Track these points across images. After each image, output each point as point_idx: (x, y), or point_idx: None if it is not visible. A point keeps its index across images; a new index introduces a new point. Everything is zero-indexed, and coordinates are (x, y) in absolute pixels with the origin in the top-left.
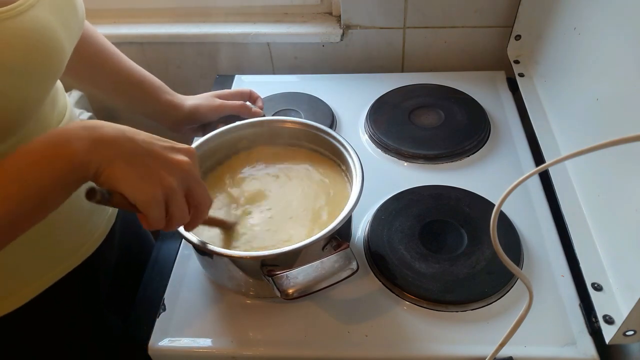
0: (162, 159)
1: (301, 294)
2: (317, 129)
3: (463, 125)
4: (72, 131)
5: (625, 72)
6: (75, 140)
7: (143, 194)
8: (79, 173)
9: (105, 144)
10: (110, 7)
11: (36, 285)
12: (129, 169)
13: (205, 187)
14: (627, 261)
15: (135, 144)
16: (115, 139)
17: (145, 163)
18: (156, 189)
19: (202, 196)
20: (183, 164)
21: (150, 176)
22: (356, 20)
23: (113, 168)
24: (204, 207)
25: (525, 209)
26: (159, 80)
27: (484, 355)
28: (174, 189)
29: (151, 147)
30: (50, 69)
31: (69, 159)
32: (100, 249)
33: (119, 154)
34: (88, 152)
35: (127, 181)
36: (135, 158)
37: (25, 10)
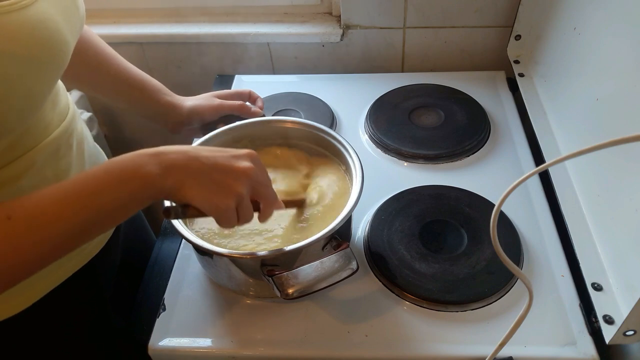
0: (228, 170)
1: (301, 294)
2: (317, 129)
3: (463, 125)
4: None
5: (625, 72)
6: (149, 166)
7: (216, 208)
8: (153, 193)
9: (176, 167)
10: (110, 7)
11: (40, 287)
12: (200, 188)
13: (270, 186)
14: (627, 261)
15: (201, 163)
16: (182, 162)
17: (214, 178)
18: (228, 201)
19: (269, 196)
20: (248, 171)
21: (220, 190)
22: (356, 20)
23: (185, 189)
24: (270, 205)
25: (525, 209)
26: (158, 81)
27: (484, 355)
28: (243, 195)
29: (215, 161)
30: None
31: (144, 182)
32: (105, 250)
33: (189, 174)
34: (161, 176)
35: (201, 198)
36: (203, 175)
37: (30, 4)
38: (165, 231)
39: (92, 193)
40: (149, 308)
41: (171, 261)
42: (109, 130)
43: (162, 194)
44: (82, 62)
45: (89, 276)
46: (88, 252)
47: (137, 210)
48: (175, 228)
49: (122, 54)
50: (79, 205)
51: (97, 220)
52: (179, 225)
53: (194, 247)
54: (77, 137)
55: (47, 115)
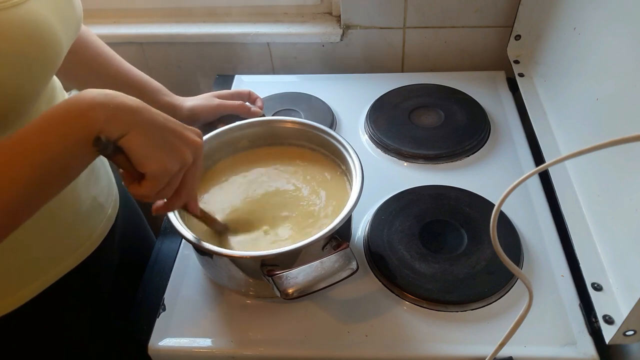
0: (178, 134)
1: (301, 294)
2: (317, 129)
3: (463, 125)
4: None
5: (625, 72)
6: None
7: (157, 164)
8: None
9: (125, 111)
10: (110, 7)
11: (34, 285)
12: (147, 138)
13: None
14: (627, 261)
15: (153, 116)
16: (134, 107)
17: (163, 135)
18: (174, 162)
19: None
20: (197, 142)
21: (166, 147)
22: (356, 20)
23: (131, 135)
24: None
25: (525, 209)
26: (157, 82)
27: (484, 355)
28: (188, 164)
29: (167, 121)
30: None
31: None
32: (100, 249)
33: (138, 122)
34: (107, 119)
35: (143, 149)
36: (154, 129)
37: (20, 3)
38: (165, 231)
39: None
40: (149, 308)
41: (171, 261)
42: None
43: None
44: (81, 62)
45: (85, 275)
46: (84, 250)
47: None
48: (175, 228)
49: (122, 54)
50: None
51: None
52: (179, 225)
53: (194, 247)
54: None
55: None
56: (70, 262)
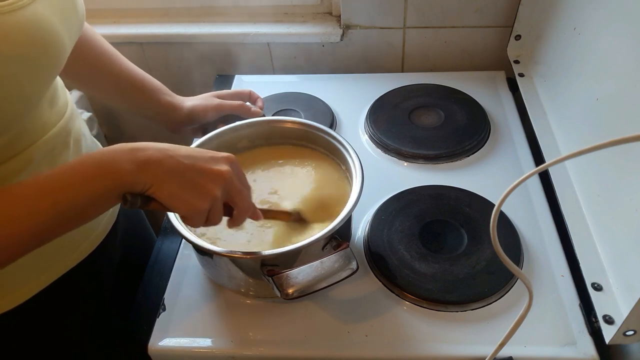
0: (206, 172)
1: (301, 294)
2: (317, 129)
3: (463, 125)
4: (120, 153)
5: (625, 72)
6: (123, 162)
7: (190, 208)
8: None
9: (151, 165)
10: (110, 7)
11: (35, 283)
12: (174, 186)
13: (246, 193)
14: (627, 261)
15: (177, 161)
16: (159, 159)
17: (190, 178)
18: (203, 202)
19: (243, 202)
20: (225, 174)
21: (196, 190)
22: (356, 20)
23: (158, 186)
24: (243, 213)
25: (525, 209)
26: (158, 82)
27: (484, 355)
28: (218, 198)
29: (193, 162)
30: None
31: (117, 179)
32: (102, 247)
33: (164, 172)
34: (135, 174)
35: (174, 197)
36: (178, 174)
37: (24, 5)
38: (165, 231)
39: (64, 187)
40: (149, 308)
41: (171, 261)
42: (109, 130)
43: (136, 191)
44: (84, 61)
45: (86, 273)
46: (85, 248)
47: (113, 205)
48: (175, 228)
49: (122, 54)
50: (50, 200)
51: (69, 215)
52: (179, 225)
53: (194, 247)
54: (74, 135)
55: (45, 114)
56: (73, 260)
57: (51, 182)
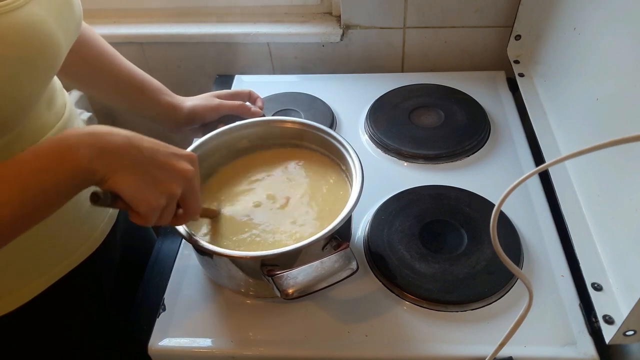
0: (166, 167)
1: (301, 294)
2: (317, 129)
3: (463, 125)
4: (78, 137)
5: (625, 72)
6: (81, 148)
7: (146, 202)
8: (83, 179)
9: (111, 152)
10: (110, 7)
11: (35, 284)
12: (134, 178)
13: (198, 195)
14: (627, 261)
15: (140, 153)
16: (120, 147)
17: (150, 172)
18: (159, 198)
19: (194, 204)
20: (187, 172)
21: (154, 185)
22: (356, 20)
23: (117, 176)
24: (193, 213)
25: (525, 209)
26: (158, 82)
27: (484, 355)
28: (176, 196)
29: (155, 156)
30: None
31: (74, 166)
32: (102, 248)
33: (124, 162)
34: (93, 160)
35: (131, 190)
36: (140, 167)
37: (20, 6)
38: (166, 231)
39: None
40: (149, 308)
41: (171, 261)
42: None
43: (93, 180)
44: (83, 61)
45: (87, 274)
46: (85, 249)
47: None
48: (175, 228)
49: (122, 54)
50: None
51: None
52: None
53: (194, 247)
54: None
55: (43, 115)
56: (73, 261)
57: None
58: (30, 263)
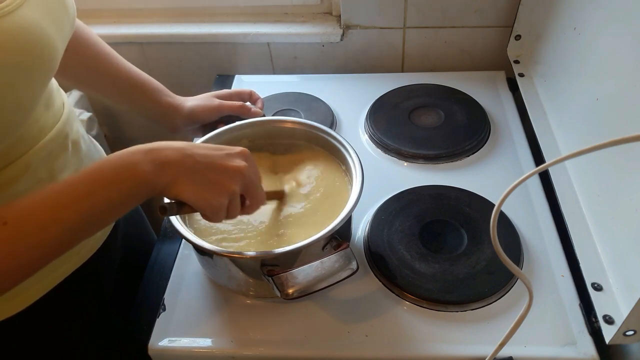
0: (223, 169)
1: (301, 294)
2: (317, 129)
3: (463, 125)
4: (136, 155)
5: (625, 72)
6: (142, 164)
7: (210, 205)
8: (146, 192)
9: (170, 165)
10: (110, 7)
11: (37, 288)
12: (194, 185)
13: (260, 185)
14: (627, 261)
15: (195, 160)
16: (177, 159)
17: (208, 176)
18: (222, 199)
19: (258, 194)
20: (242, 169)
21: (214, 188)
22: (356, 20)
23: (179, 186)
24: (259, 202)
25: (525, 209)
26: (158, 82)
27: (484, 355)
28: (236, 193)
29: (210, 160)
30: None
31: (138, 181)
32: (103, 249)
33: (183, 172)
34: (155, 174)
35: (194, 196)
36: (197, 174)
37: (13, 10)
38: (165, 231)
39: (85, 194)
40: (149, 308)
41: (171, 261)
42: (109, 130)
43: (156, 191)
44: (82, 62)
45: (88, 275)
46: (87, 251)
47: (133, 207)
48: (175, 228)
49: (122, 54)
50: (73, 208)
51: (91, 221)
52: (179, 225)
53: (194, 247)
54: (72, 137)
55: (41, 118)
56: (74, 263)
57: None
58: None
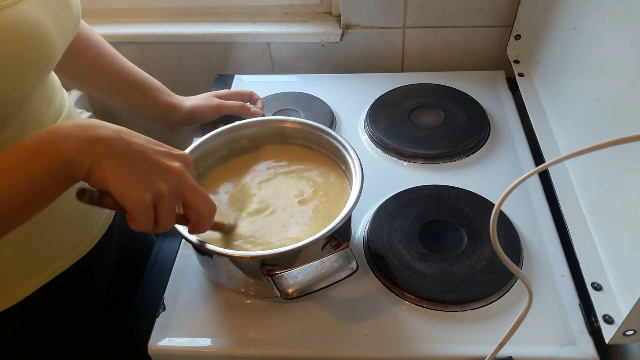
0: (154, 163)
1: (301, 294)
2: (317, 129)
3: (463, 125)
4: (66, 129)
5: (625, 72)
6: (68, 139)
7: (131, 196)
8: (69, 172)
9: (98, 143)
10: (110, 7)
11: (31, 283)
12: (119, 169)
13: (204, 194)
14: (627, 261)
15: (128, 146)
16: (108, 139)
17: (137, 165)
18: (145, 193)
19: (202, 203)
20: (176, 170)
21: (140, 179)
22: (356, 20)
23: (103, 168)
24: (206, 214)
25: (525, 209)
26: (158, 81)
27: (484, 355)
28: (164, 194)
29: (145, 150)
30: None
31: (60, 157)
32: (99, 247)
33: (110, 153)
34: (79, 151)
35: (116, 181)
36: (127, 159)
37: (12, 4)
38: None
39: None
40: (149, 308)
41: (171, 261)
42: None
43: (78, 175)
44: (82, 60)
45: (83, 273)
46: (81, 249)
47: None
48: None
49: (122, 54)
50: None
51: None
52: (179, 225)
53: (194, 247)
54: None
55: (43, 114)
56: (69, 260)
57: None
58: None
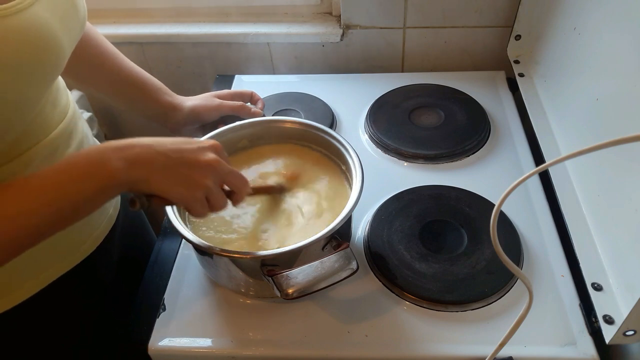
0: (193, 163)
1: (301, 294)
2: (317, 129)
3: (463, 125)
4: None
5: (625, 72)
6: (113, 160)
7: (185, 199)
8: (117, 187)
9: (139, 165)
10: (110, 7)
11: (34, 282)
12: (167, 182)
13: (238, 173)
14: (627, 261)
15: (166, 157)
16: (148, 157)
17: (180, 172)
18: (195, 192)
19: (238, 182)
20: (213, 163)
21: (187, 183)
22: (356, 20)
23: (152, 185)
24: (242, 189)
25: (525, 209)
26: (158, 81)
27: (484, 355)
28: (210, 187)
29: (181, 155)
30: (48, 67)
31: (110, 177)
32: (101, 247)
33: (154, 171)
34: (126, 171)
35: (168, 192)
36: (169, 170)
37: (23, 8)
38: (165, 231)
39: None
40: (149, 308)
41: (171, 261)
42: (109, 130)
43: (126, 187)
44: (83, 60)
45: (86, 273)
46: (85, 250)
47: (106, 202)
48: (175, 228)
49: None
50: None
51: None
52: (179, 225)
53: (194, 247)
54: (77, 136)
55: (47, 115)
56: (72, 260)
57: (42, 181)
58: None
